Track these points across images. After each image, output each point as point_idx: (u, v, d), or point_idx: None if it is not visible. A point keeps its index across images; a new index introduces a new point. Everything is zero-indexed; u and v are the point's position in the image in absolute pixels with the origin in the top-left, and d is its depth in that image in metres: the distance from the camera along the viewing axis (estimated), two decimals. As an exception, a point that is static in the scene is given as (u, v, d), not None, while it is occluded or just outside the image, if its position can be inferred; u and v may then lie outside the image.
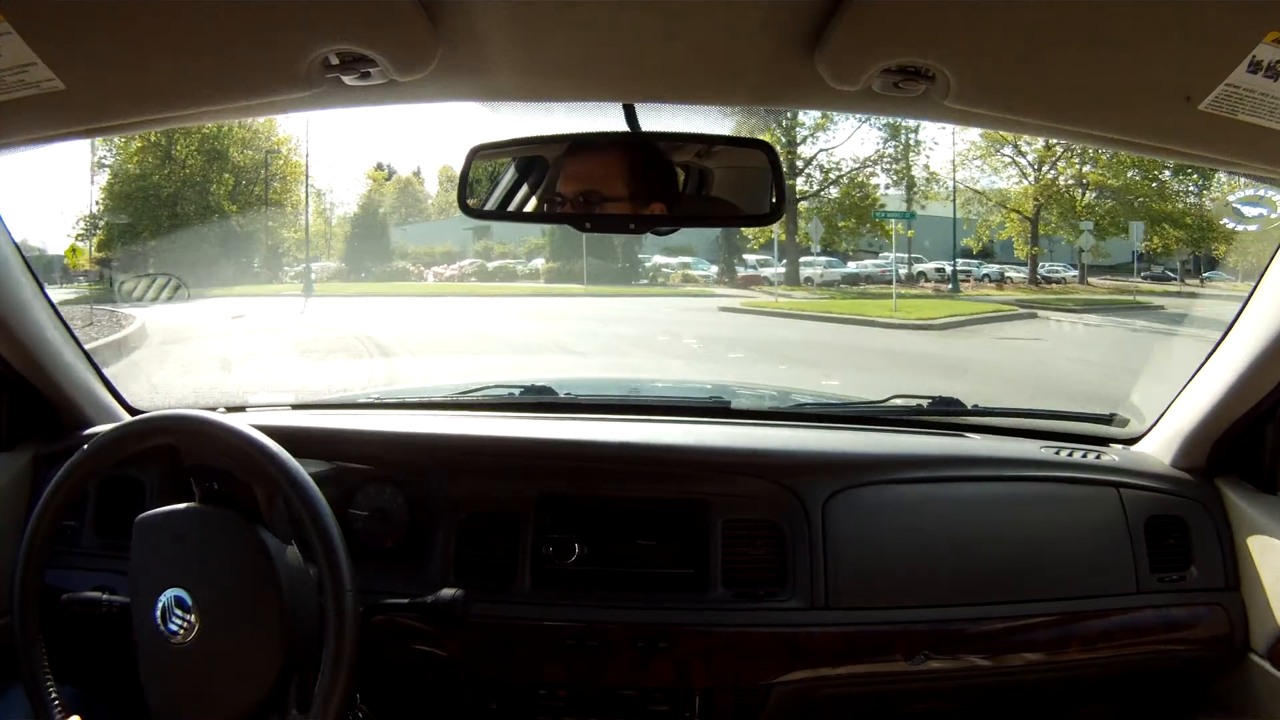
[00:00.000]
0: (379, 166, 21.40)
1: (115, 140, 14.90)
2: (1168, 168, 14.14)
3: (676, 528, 1.25)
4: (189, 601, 0.92)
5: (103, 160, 17.08)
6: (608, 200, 1.02)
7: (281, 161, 17.54)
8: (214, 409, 1.41)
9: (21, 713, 1.20)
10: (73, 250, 16.65)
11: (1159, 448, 1.39)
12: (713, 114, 1.04)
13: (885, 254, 16.22)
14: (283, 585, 0.93)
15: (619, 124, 0.98)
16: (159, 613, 0.92)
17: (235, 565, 0.95)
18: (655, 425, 1.42)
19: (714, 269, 16.50)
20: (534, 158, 1.06)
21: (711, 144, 1.06)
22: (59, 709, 0.94)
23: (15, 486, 1.32)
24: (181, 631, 0.92)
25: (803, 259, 15.74)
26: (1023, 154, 15.53)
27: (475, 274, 17.73)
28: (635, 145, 1.02)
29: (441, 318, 11.84)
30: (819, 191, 16.16)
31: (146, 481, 1.30)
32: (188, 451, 1.01)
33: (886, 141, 16.00)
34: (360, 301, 14.24)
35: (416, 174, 22.60)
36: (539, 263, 17.41)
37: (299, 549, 1.00)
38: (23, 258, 1.24)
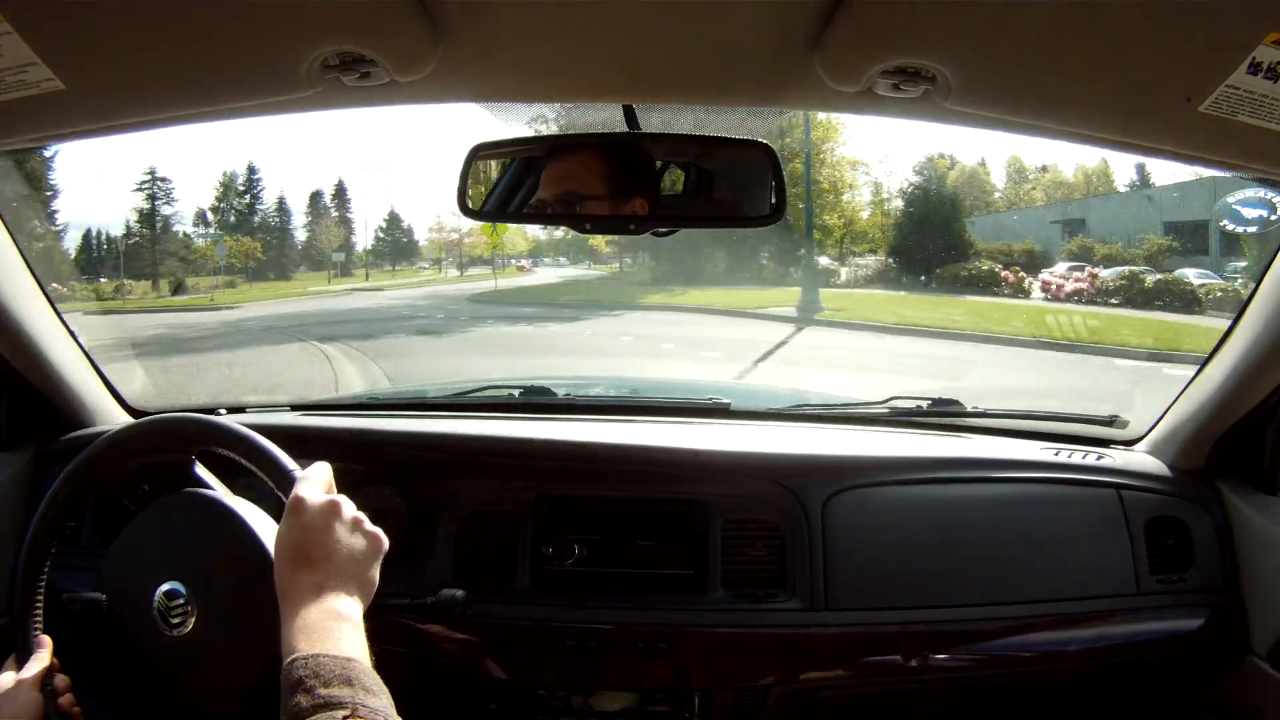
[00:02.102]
0: (940, 155, 17.76)
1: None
2: None
3: (676, 528, 1.25)
4: (181, 591, 0.92)
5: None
6: (607, 201, 1.02)
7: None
8: (214, 410, 1.41)
9: None
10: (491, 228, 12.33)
11: (1159, 449, 1.39)
12: (712, 114, 1.04)
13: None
14: (259, 537, 0.93)
15: (619, 124, 0.99)
16: (155, 614, 0.92)
17: (209, 539, 0.94)
18: (655, 426, 1.42)
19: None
20: (533, 158, 1.06)
21: (711, 144, 1.06)
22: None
23: (15, 486, 1.32)
24: (182, 619, 0.92)
25: None
26: None
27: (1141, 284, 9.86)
28: (634, 146, 1.02)
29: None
30: None
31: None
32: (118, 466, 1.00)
33: None
34: (889, 345, 7.84)
35: (982, 163, 18.84)
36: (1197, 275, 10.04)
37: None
38: (23, 256, 1.24)
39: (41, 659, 0.92)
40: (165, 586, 0.92)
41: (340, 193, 22.33)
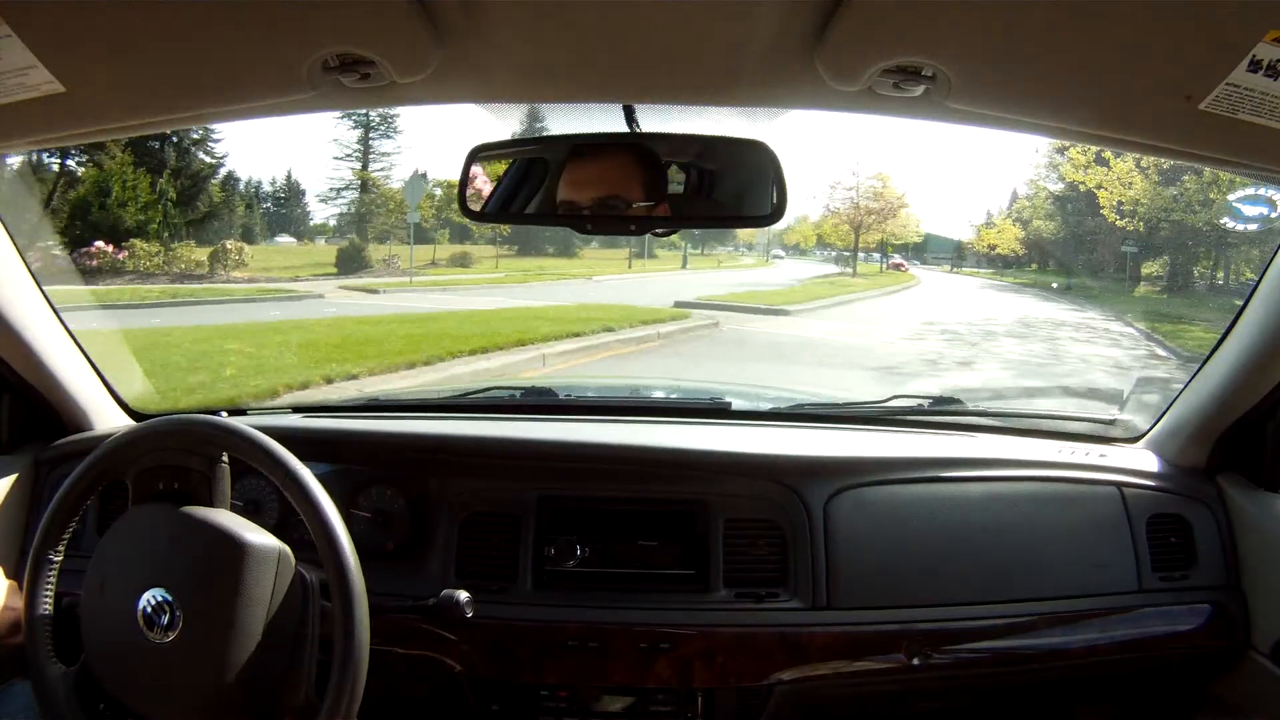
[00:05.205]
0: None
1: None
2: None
3: (678, 528, 1.25)
4: (170, 600, 0.91)
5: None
6: (608, 201, 1.02)
7: None
8: (215, 412, 1.41)
9: (21, 708, 1.19)
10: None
11: (1161, 446, 1.39)
12: (713, 114, 1.04)
13: None
14: (257, 575, 0.92)
15: (619, 124, 0.99)
16: (140, 616, 0.91)
17: (201, 557, 0.93)
18: (656, 427, 1.42)
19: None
20: (534, 159, 1.06)
21: (711, 144, 1.06)
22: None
23: (16, 489, 1.32)
24: (166, 627, 0.91)
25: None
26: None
27: None
28: (635, 146, 1.02)
29: None
30: None
31: None
32: (130, 460, 1.00)
33: None
34: None
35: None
36: None
37: (296, 549, 0.98)
38: (23, 258, 1.24)
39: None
40: (151, 593, 0.91)
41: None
